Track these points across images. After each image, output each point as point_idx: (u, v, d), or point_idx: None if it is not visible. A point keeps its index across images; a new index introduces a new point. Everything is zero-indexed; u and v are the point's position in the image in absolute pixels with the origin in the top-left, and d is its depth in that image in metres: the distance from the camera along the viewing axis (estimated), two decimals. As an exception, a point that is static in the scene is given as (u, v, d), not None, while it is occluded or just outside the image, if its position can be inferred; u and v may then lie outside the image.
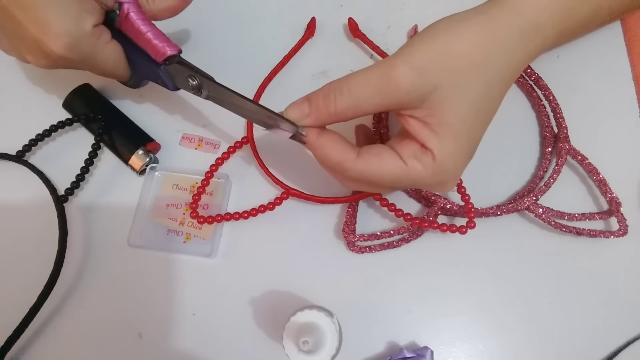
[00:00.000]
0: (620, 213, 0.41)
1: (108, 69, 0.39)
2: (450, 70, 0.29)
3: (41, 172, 0.43)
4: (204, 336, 0.40)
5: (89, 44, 0.36)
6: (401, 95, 0.29)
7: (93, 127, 0.44)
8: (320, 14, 0.48)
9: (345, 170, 0.32)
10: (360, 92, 0.30)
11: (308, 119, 0.31)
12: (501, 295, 0.40)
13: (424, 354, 0.37)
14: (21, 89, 0.48)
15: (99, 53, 0.37)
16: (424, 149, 0.30)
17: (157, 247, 0.42)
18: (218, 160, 0.43)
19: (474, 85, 0.30)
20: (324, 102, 0.31)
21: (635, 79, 0.46)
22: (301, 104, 0.32)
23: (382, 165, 0.31)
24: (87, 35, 0.36)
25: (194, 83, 0.37)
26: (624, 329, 0.40)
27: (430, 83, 0.29)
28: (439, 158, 0.30)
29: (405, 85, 0.29)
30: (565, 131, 0.43)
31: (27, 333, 0.39)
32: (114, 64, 0.39)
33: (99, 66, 0.38)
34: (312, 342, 0.31)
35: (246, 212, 0.41)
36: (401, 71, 0.29)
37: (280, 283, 0.41)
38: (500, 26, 0.30)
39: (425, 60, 0.29)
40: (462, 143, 0.30)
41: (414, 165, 0.30)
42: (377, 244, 0.41)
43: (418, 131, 0.30)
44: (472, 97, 0.30)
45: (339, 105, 0.30)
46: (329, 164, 0.33)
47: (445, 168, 0.30)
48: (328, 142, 0.32)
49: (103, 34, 0.37)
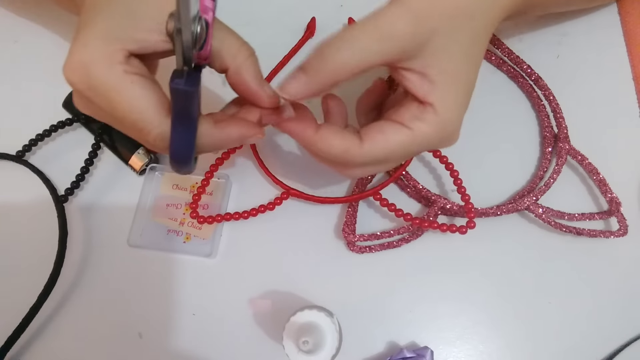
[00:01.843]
0: (620, 213, 0.41)
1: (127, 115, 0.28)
2: (446, 15, 0.28)
3: (41, 172, 0.43)
4: (204, 336, 0.40)
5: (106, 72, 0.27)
6: (403, 40, 0.28)
7: (93, 127, 0.44)
8: (320, 14, 0.48)
9: (353, 157, 0.30)
10: (359, 42, 0.28)
11: (307, 86, 0.29)
12: (501, 295, 0.40)
13: (424, 354, 0.37)
14: (21, 89, 0.48)
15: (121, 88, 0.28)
16: (423, 105, 0.29)
17: (157, 247, 0.42)
18: (218, 160, 0.43)
19: (465, 30, 0.29)
20: (321, 62, 0.28)
21: (635, 79, 0.46)
22: (295, 74, 0.29)
23: (388, 139, 0.30)
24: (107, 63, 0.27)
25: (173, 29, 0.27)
26: (624, 329, 0.40)
27: (429, 28, 0.28)
28: (441, 110, 0.29)
29: (407, 29, 0.28)
30: (565, 131, 0.43)
31: (27, 333, 0.39)
32: (138, 109, 0.28)
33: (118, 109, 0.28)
34: (312, 342, 0.31)
35: (246, 212, 0.41)
36: (401, 16, 0.28)
37: (280, 283, 0.41)
38: None
39: (421, 5, 0.28)
40: (460, 90, 0.30)
41: (418, 126, 0.30)
42: (377, 244, 0.41)
43: (417, 85, 0.29)
44: (465, 43, 0.30)
45: (338, 60, 0.28)
46: (333, 156, 0.31)
47: (449, 118, 0.30)
48: (329, 132, 0.30)
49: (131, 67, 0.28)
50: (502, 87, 0.46)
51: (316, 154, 0.32)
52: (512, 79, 0.46)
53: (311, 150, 0.32)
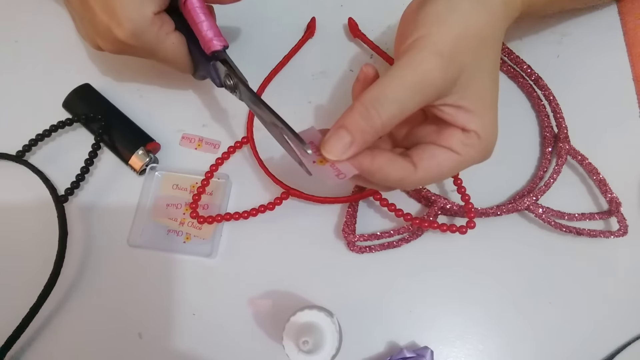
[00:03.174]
0: (620, 213, 0.41)
1: (168, 60, 0.39)
2: (471, 50, 0.30)
3: (41, 172, 0.43)
4: (204, 336, 0.40)
5: (150, 32, 0.37)
6: (437, 84, 0.29)
7: (93, 127, 0.44)
8: (320, 14, 0.48)
9: (407, 184, 0.32)
10: (400, 95, 0.29)
11: (353, 147, 0.29)
12: (501, 295, 0.40)
13: (424, 354, 0.37)
14: (21, 89, 0.48)
15: (160, 43, 0.37)
16: (467, 132, 0.31)
17: (157, 247, 0.42)
18: (218, 160, 0.43)
19: (488, 58, 0.32)
20: (367, 121, 0.29)
21: (635, 79, 0.46)
22: (338, 134, 0.29)
23: (441, 166, 0.32)
24: (148, 24, 0.36)
25: (230, 83, 0.37)
26: (624, 329, 0.40)
27: (458, 67, 0.30)
28: (483, 134, 0.31)
29: (440, 74, 0.29)
30: (565, 131, 0.43)
31: (27, 333, 0.39)
32: (173, 56, 0.39)
33: (160, 56, 0.39)
34: (312, 342, 0.31)
35: (246, 212, 0.41)
36: (432, 63, 0.29)
37: (280, 283, 0.41)
38: (491, 0, 0.32)
39: (448, 46, 0.29)
40: (493, 111, 0.33)
41: (468, 152, 0.32)
42: (377, 244, 0.41)
43: (455, 117, 0.31)
44: (489, 69, 0.32)
45: (384, 117, 0.29)
46: (389, 184, 0.32)
47: (490, 140, 0.32)
48: (385, 162, 0.31)
49: (165, 25, 0.37)
50: (502, 87, 0.45)
51: (370, 182, 0.33)
52: (512, 79, 0.46)
53: (366, 181, 0.32)
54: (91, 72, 0.48)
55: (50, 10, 0.50)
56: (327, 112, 0.46)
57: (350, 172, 0.30)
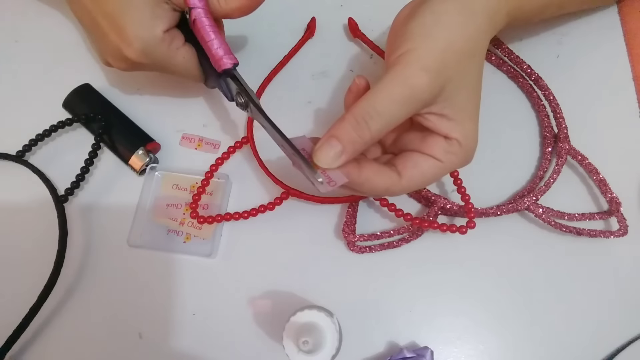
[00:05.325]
0: (620, 213, 0.41)
1: (179, 73, 0.40)
2: (455, 63, 0.32)
3: (41, 172, 0.43)
4: (204, 336, 0.40)
5: (161, 50, 0.37)
6: (424, 98, 0.31)
7: (93, 127, 0.44)
8: (320, 14, 0.48)
9: (393, 192, 0.33)
10: (388, 108, 0.30)
11: (343, 156, 0.30)
12: (501, 295, 0.40)
13: (424, 354, 0.37)
14: (21, 89, 0.48)
15: (171, 59, 0.38)
16: (449, 139, 0.33)
17: (157, 247, 0.42)
18: (218, 160, 0.43)
19: (472, 69, 0.33)
20: (358, 132, 0.30)
21: (635, 79, 0.46)
22: (330, 143, 0.30)
23: (424, 174, 0.33)
24: (158, 42, 0.37)
25: (241, 101, 0.37)
26: (624, 329, 0.40)
27: (444, 80, 0.31)
28: (464, 142, 0.33)
29: (426, 89, 0.31)
30: (565, 131, 0.43)
31: (27, 333, 0.39)
32: (184, 69, 0.39)
33: (171, 70, 0.39)
34: (312, 342, 0.31)
35: (246, 212, 0.41)
36: (419, 78, 0.30)
37: (280, 283, 0.41)
38: (476, 12, 0.33)
39: (434, 61, 0.31)
40: (474, 119, 0.34)
41: (449, 159, 0.33)
42: (377, 244, 0.41)
43: (439, 125, 0.33)
44: (473, 80, 0.34)
45: (373, 129, 0.30)
46: (375, 193, 0.34)
47: (471, 147, 0.34)
48: (372, 173, 0.32)
49: (175, 40, 0.38)
50: (502, 87, 0.46)
51: (357, 191, 0.34)
52: (512, 79, 0.46)
53: (354, 190, 0.34)
54: (91, 72, 0.48)
55: (50, 11, 0.50)
56: (327, 112, 0.46)
57: (341, 179, 0.31)
